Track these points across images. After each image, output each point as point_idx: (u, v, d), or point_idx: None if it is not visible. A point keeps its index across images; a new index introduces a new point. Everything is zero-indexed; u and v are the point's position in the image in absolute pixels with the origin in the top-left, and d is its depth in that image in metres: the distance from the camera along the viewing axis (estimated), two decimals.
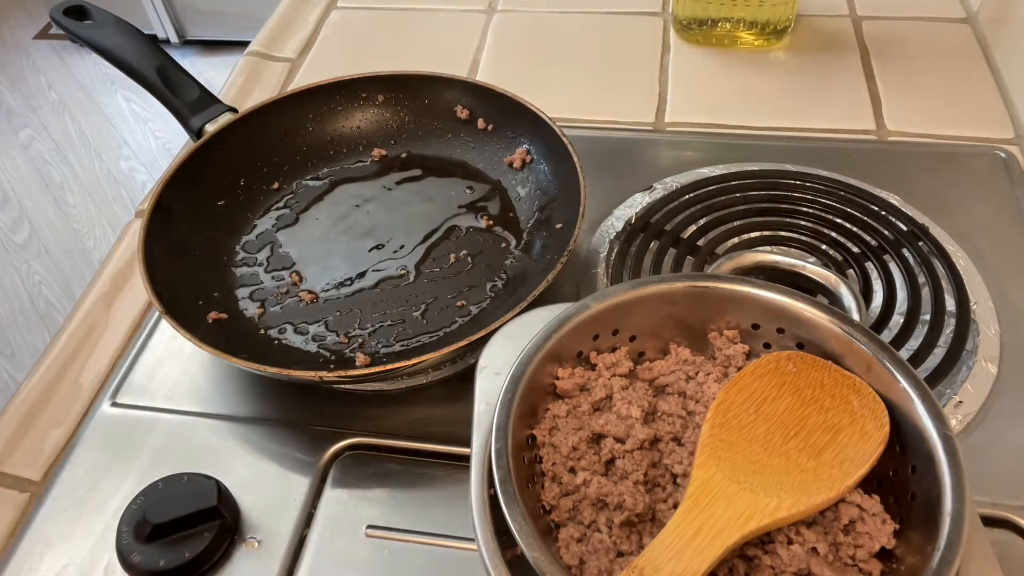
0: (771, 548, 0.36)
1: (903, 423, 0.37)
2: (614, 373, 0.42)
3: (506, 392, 0.38)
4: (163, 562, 0.43)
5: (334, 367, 0.53)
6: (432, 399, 0.53)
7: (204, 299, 0.57)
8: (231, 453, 0.51)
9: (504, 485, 0.34)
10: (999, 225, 0.60)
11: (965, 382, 0.50)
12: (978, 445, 0.48)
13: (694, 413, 0.41)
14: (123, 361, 0.57)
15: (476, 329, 0.48)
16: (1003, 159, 0.65)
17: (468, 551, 0.45)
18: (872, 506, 0.36)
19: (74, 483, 0.50)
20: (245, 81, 0.81)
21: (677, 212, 0.62)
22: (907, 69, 0.75)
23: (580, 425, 0.40)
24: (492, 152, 0.66)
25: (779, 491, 0.35)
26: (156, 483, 0.47)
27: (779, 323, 0.42)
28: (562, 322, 0.41)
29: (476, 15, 0.87)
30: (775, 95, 0.74)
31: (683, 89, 0.75)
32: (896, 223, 0.60)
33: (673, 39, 0.81)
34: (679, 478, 0.39)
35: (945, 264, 0.56)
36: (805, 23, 0.81)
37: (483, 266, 0.59)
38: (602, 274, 0.58)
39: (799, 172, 0.64)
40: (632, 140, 0.71)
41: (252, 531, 0.47)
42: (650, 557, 0.33)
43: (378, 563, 0.45)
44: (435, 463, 0.49)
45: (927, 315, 0.53)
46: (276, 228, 0.63)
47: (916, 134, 0.69)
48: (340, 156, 0.68)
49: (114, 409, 0.54)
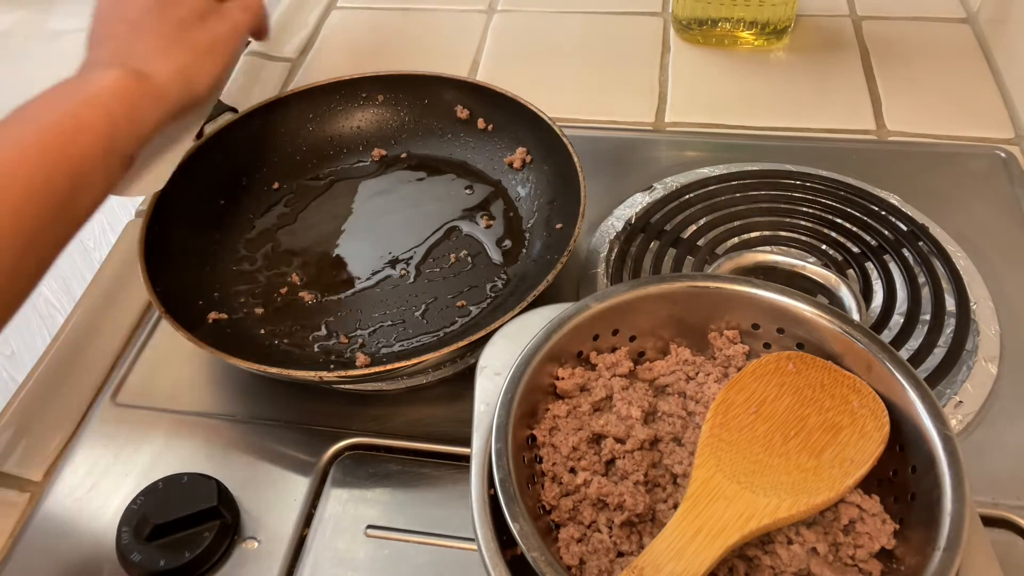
0: (771, 548, 0.36)
1: (903, 423, 0.37)
2: (614, 373, 0.42)
3: (506, 392, 0.38)
4: (163, 562, 0.43)
5: (334, 367, 0.53)
6: (432, 399, 0.53)
7: (204, 299, 0.57)
8: (231, 453, 0.51)
9: (504, 485, 0.34)
10: (999, 225, 0.60)
11: (965, 382, 0.50)
12: (978, 445, 0.48)
13: (694, 413, 0.41)
14: (123, 361, 0.57)
15: (476, 329, 0.48)
16: (1003, 159, 0.65)
17: (468, 551, 0.45)
18: (872, 506, 0.36)
19: (74, 483, 0.50)
20: (245, 81, 0.81)
21: (677, 212, 0.62)
22: (907, 69, 0.75)
23: (580, 425, 0.40)
24: (492, 152, 0.66)
25: (779, 491, 0.35)
26: (156, 483, 0.47)
27: (779, 323, 0.42)
28: (562, 322, 0.41)
29: (476, 15, 0.87)
30: (775, 95, 0.74)
31: (683, 89, 0.75)
32: (896, 223, 0.60)
33: (673, 39, 0.81)
34: (679, 478, 0.39)
35: (945, 264, 0.56)
36: (805, 23, 0.81)
37: (483, 266, 0.59)
38: (602, 274, 0.58)
39: (799, 172, 0.64)
40: (632, 140, 0.71)
41: (252, 531, 0.47)
42: (650, 557, 0.33)
43: (378, 563, 0.45)
44: (435, 463, 0.49)
45: (927, 315, 0.53)
46: (276, 228, 0.63)
47: (916, 134, 0.69)
48: (340, 156, 0.68)
49: (114, 409, 0.54)
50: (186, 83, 0.48)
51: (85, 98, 0.42)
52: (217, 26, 0.50)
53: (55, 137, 0.40)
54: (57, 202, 0.40)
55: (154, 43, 0.47)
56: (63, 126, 0.41)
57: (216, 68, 0.50)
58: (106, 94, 0.43)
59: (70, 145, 0.41)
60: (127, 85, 0.44)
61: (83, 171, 0.41)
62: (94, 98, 0.42)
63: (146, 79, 0.45)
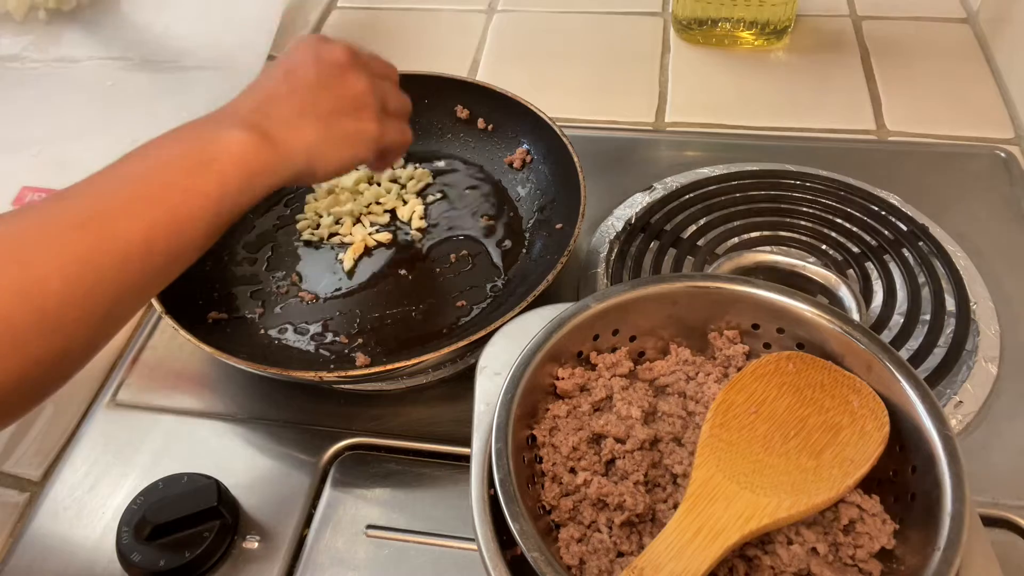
0: (771, 548, 0.36)
1: (903, 423, 0.37)
2: (614, 373, 0.42)
3: (506, 392, 0.38)
4: (163, 562, 0.43)
5: (334, 367, 0.53)
6: (432, 399, 0.53)
7: (204, 299, 0.57)
8: (231, 453, 0.51)
9: (504, 485, 0.34)
10: (999, 225, 0.60)
11: (965, 382, 0.50)
12: (978, 445, 0.48)
13: (694, 413, 0.41)
14: (123, 361, 0.57)
15: (476, 329, 0.48)
16: (1003, 159, 0.65)
17: (468, 551, 0.45)
18: (872, 506, 0.36)
19: (74, 483, 0.50)
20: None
21: (677, 212, 0.62)
22: (907, 69, 0.75)
23: (580, 425, 0.40)
24: (492, 152, 0.66)
25: (779, 491, 0.35)
26: (156, 483, 0.47)
27: (779, 323, 0.42)
28: (562, 322, 0.41)
29: (476, 15, 0.87)
30: (775, 95, 0.74)
31: (683, 89, 0.75)
32: (896, 223, 0.60)
33: (673, 39, 0.81)
34: (679, 478, 0.39)
35: (945, 264, 0.56)
36: (805, 23, 0.81)
37: (483, 266, 0.59)
38: (602, 274, 0.58)
39: (799, 172, 0.64)
40: (632, 140, 0.71)
41: (252, 531, 0.47)
42: (650, 557, 0.33)
43: (378, 563, 0.45)
44: (435, 463, 0.49)
45: (927, 315, 0.53)
46: (276, 228, 0.63)
47: (916, 134, 0.69)
48: None
49: (114, 409, 0.54)
50: (309, 160, 0.45)
51: (203, 159, 0.40)
52: (366, 124, 0.48)
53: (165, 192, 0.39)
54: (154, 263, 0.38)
55: (297, 111, 0.45)
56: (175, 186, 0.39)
57: (344, 158, 0.47)
58: (226, 158, 0.41)
59: (175, 206, 0.39)
60: (251, 151, 0.41)
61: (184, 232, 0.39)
62: (213, 161, 0.40)
63: (272, 145, 0.43)
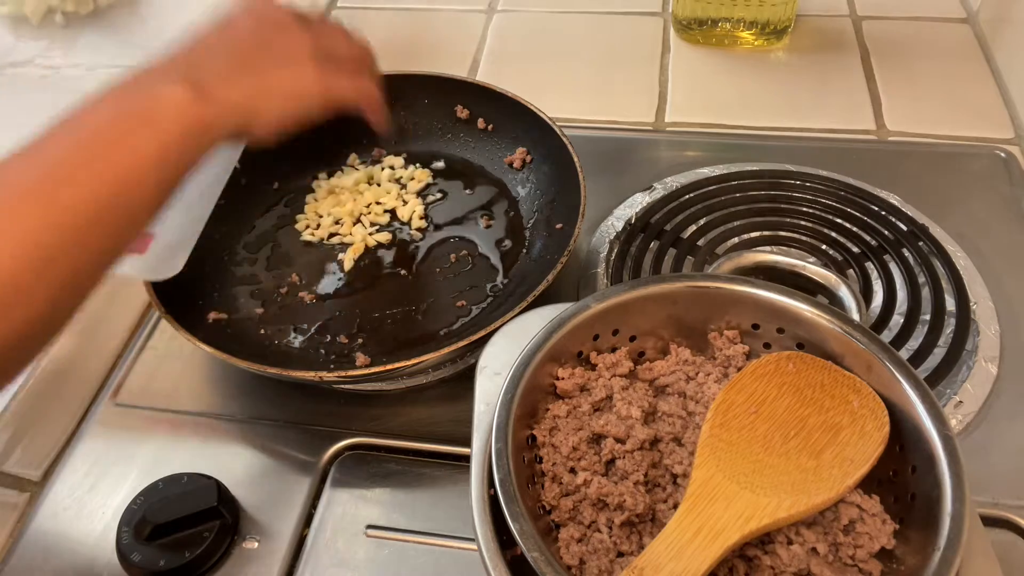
0: (771, 548, 0.36)
1: (903, 423, 0.37)
2: (614, 373, 0.42)
3: (506, 392, 0.38)
4: (163, 562, 0.43)
5: (334, 367, 0.53)
6: (432, 399, 0.53)
7: (204, 299, 0.57)
8: (231, 453, 0.51)
9: (504, 485, 0.34)
10: (999, 225, 0.60)
11: (965, 382, 0.50)
12: (978, 445, 0.48)
13: (694, 413, 0.41)
14: (123, 361, 0.57)
15: (476, 329, 0.48)
16: (1003, 159, 0.65)
17: (468, 551, 0.45)
18: (872, 506, 0.36)
19: (74, 483, 0.50)
20: None
21: (677, 212, 0.62)
22: (907, 69, 0.75)
23: (580, 425, 0.40)
24: (492, 152, 0.66)
25: (779, 491, 0.35)
26: (156, 483, 0.47)
27: (779, 323, 0.42)
28: (562, 322, 0.41)
29: (476, 15, 0.87)
30: (775, 95, 0.74)
31: (683, 89, 0.75)
32: (896, 223, 0.60)
33: (673, 39, 0.81)
34: (679, 478, 0.39)
35: (945, 264, 0.56)
36: (805, 23, 0.81)
37: (483, 266, 0.59)
38: (602, 274, 0.58)
39: (799, 172, 0.64)
40: (632, 140, 0.71)
41: (252, 531, 0.47)
42: (650, 557, 0.33)
43: (378, 563, 0.45)
44: (435, 463, 0.49)
45: (927, 315, 0.53)
46: (276, 228, 0.63)
47: (916, 134, 0.69)
48: (340, 156, 0.68)
49: (114, 409, 0.54)
50: (246, 114, 0.43)
51: (142, 117, 0.39)
52: (305, 78, 0.46)
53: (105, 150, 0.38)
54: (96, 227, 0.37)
55: (232, 66, 0.43)
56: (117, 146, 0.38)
57: (282, 113, 0.45)
58: (163, 114, 0.39)
59: (118, 167, 0.38)
60: (187, 106, 0.40)
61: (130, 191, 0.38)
62: (150, 119, 0.39)
63: (206, 100, 0.41)
